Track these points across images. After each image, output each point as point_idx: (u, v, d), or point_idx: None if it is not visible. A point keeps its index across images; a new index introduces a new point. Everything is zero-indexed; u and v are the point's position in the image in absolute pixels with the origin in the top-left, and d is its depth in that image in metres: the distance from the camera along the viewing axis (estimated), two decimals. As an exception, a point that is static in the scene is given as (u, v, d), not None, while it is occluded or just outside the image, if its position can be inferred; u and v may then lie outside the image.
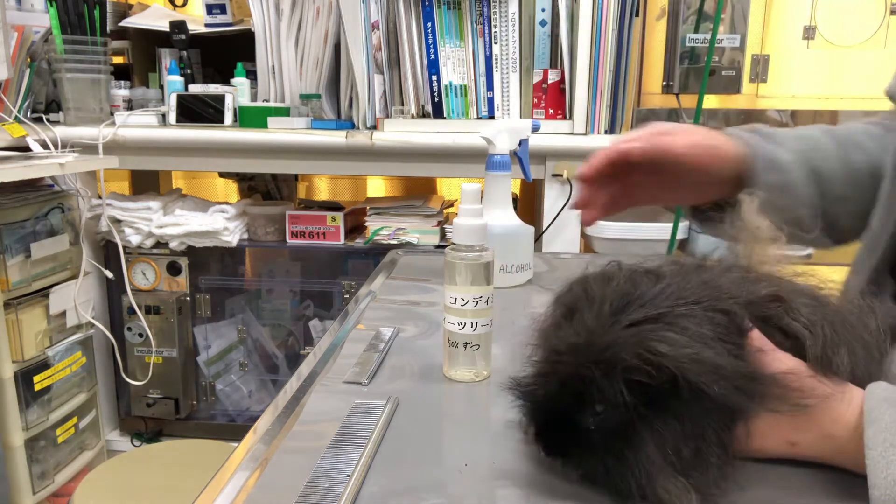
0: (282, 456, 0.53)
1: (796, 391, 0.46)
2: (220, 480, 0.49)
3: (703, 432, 0.43)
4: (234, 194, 2.31)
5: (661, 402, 0.43)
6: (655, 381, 0.42)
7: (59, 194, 1.66)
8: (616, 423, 0.44)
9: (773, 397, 0.46)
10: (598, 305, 0.46)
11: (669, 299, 0.45)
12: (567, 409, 0.46)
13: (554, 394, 0.46)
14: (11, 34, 1.63)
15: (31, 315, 1.56)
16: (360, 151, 1.63)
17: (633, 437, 0.43)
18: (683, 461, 0.43)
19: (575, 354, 0.45)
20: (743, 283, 0.51)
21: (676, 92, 1.53)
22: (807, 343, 0.48)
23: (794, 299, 0.50)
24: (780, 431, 0.48)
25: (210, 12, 1.84)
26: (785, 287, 0.52)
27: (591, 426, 0.45)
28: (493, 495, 0.47)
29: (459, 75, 1.65)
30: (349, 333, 0.82)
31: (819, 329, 0.48)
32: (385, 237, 1.72)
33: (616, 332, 0.44)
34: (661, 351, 0.42)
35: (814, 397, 0.46)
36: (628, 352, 0.43)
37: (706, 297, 0.46)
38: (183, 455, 1.61)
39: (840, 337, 0.49)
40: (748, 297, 0.49)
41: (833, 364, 0.48)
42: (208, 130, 1.66)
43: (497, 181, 1.04)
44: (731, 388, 0.43)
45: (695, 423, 0.43)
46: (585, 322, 0.46)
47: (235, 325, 1.89)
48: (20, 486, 1.54)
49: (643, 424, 0.43)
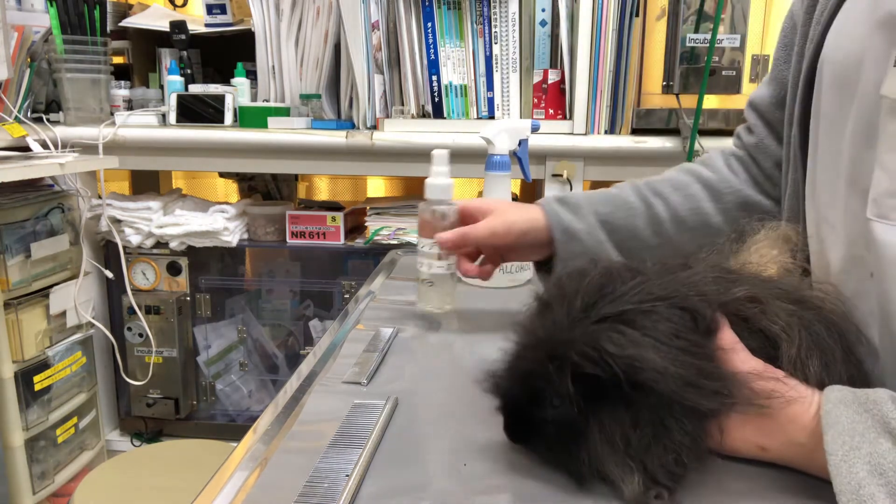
0: (281, 456, 0.53)
1: (759, 392, 0.47)
2: (219, 480, 0.49)
3: (660, 422, 0.45)
4: (234, 194, 2.31)
5: (612, 394, 0.45)
6: (605, 375, 0.45)
7: (59, 194, 1.66)
8: (570, 416, 0.46)
9: (732, 396, 0.46)
10: (569, 301, 0.48)
11: (637, 296, 0.47)
12: (529, 400, 0.49)
13: (515, 388, 0.50)
14: (11, 34, 1.63)
15: (31, 315, 1.56)
16: (360, 151, 1.63)
17: (583, 429, 0.46)
18: (634, 448, 0.45)
19: (535, 350, 0.48)
20: (721, 282, 0.52)
21: (676, 92, 1.53)
22: (783, 346, 0.49)
23: (772, 301, 0.51)
24: (748, 435, 0.48)
25: (210, 12, 1.84)
26: (765, 289, 0.53)
27: (549, 418, 0.48)
28: (493, 495, 0.47)
29: (459, 75, 1.65)
30: (349, 333, 0.82)
31: (796, 332, 0.49)
32: (385, 237, 1.72)
33: (575, 329, 0.47)
34: (608, 350, 0.45)
35: (776, 399, 0.47)
36: (577, 349, 0.45)
37: (674, 294, 0.48)
38: (183, 455, 1.61)
39: (816, 342, 0.50)
40: (723, 296, 0.50)
41: (807, 368, 0.49)
42: (208, 130, 1.66)
43: (497, 181, 1.04)
44: (680, 384, 0.45)
45: (647, 414, 0.45)
46: (554, 317, 0.48)
47: (235, 325, 1.89)
48: (20, 486, 1.54)
49: (592, 417, 0.46)
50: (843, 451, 0.42)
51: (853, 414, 0.44)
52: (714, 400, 0.46)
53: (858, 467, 0.41)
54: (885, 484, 0.40)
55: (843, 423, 0.43)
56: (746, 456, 0.49)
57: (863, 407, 0.44)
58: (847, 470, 0.41)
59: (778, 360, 0.50)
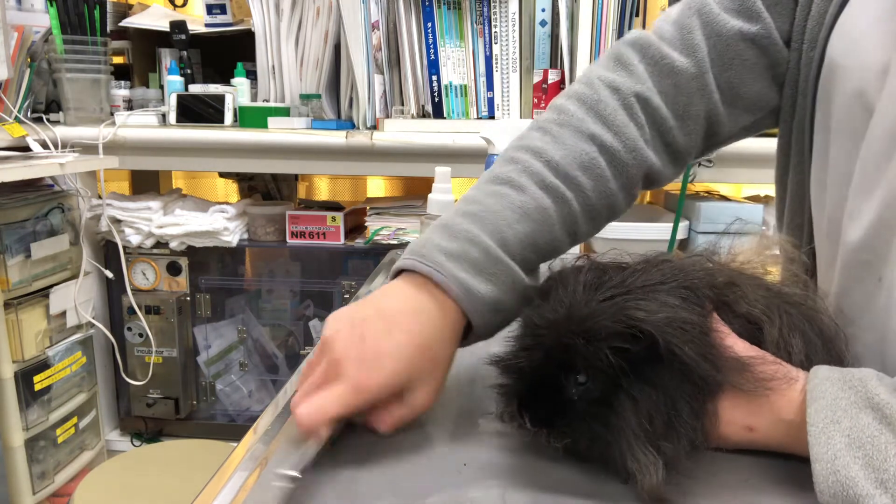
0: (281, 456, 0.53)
1: (762, 376, 0.47)
2: (219, 480, 0.49)
3: (675, 403, 0.45)
4: (234, 194, 2.31)
5: (639, 369, 0.45)
6: (635, 348, 0.44)
7: (59, 194, 1.66)
8: (599, 392, 0.45)
9: (737, 371, 0.47)
10: (572, 287, 0.48)
11: (640, 281, 0.48)
12: (551, 379, 0.47)
13: (538, 365, 0.48)
14: (11, 34, 1.63)
15: (31, 315, 1.56)
16: (360, 151, 1.63)
17: (615, 404, 0.45)
18: (656, 431, 0.44)
19: (556, 327, 0.47)
20: (702, 270, 0.52)
21: (676, 92, 1.53)
22: (765, 327, 0.50)
23: (751, 287, 0.52)
24: (737, 415, 0.49)
25: (210, 12, 1.84)
26: (741, 276, 0.53)
27: (575, 396, 0.46)
28: (493, 494, 0.47)
29: (459, 75, 1.65)
30: (349, 333, 0.82)
31: (776, 314, 0.50)
32: (385, 237, 1.72)
33: (593, 305, 0.46)
34: (639, 316, 0.44)
35: (776, 380, 0.47)
36: (608, 319, 0.45)
37: (670, 279, 0.49)
38: (183, 455, 1.61)
39: (795, 324, 0.51)
40: (711, 281, 0.51)
41: (790, 347, 0.49)
42: (208, 130, 1.66)
43: (497, 181, 1.04)
44: (699, 352, 0.45)
45: (668, 392, 0.45)
46: (562, 299, 0.48)
47: (235, 325, 1.89)
48: (20, 486, 1.54)
49: (623, 392, 0.45)
50: (823, 423, 0.43)
51: (837, 390, 0.44)
52: (726, 375, 0.46)
53: (837, 439, 0.42)
54: (863, 456, 0.41)
55: (827, 397, 0.44)
56: (733, 440, 0.50)
57: (848, 384, 0.45)
58: (826, 441, 0.42)
59: (763, 344, 0.50)
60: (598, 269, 0.50)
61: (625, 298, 0.46)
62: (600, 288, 0.47)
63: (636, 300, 0.46)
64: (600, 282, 0.48)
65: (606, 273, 0.49)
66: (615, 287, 0.47)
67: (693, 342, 0.45)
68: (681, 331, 0.44)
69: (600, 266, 0.51)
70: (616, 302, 0.46)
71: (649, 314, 0.44)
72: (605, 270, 0.50)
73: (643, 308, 0.45)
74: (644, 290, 0.47)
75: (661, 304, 0.45)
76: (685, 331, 0.45)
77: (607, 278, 0.48)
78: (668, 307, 0.45)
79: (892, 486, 0.40)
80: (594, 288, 0.47)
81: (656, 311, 0.45)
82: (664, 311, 0.45)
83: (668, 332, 0.44)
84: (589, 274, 0.49)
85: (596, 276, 0.49)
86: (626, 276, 0.48)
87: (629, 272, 0.49)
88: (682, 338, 0.44)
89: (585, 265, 0.51)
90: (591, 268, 0.50)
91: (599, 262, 0.52)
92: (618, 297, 0.46)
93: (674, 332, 0.44)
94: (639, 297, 0.46)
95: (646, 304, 0.45)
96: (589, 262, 0.52)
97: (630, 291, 0.46)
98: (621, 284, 0.47)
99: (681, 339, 0.44)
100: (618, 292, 0.46)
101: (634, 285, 0.47)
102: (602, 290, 0.47)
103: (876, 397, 0.43)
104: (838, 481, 0.42)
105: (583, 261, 0.53)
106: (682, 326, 0.45)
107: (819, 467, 0.42)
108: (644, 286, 0.47)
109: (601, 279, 0.48)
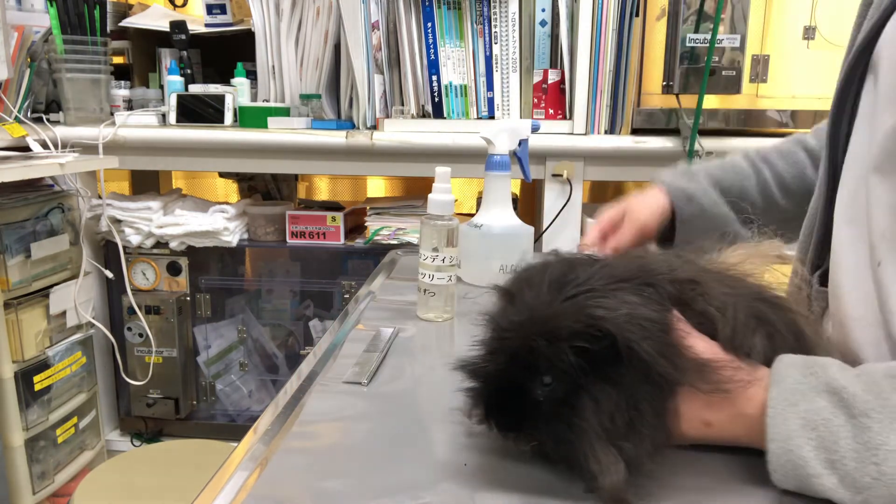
0: (281, 456, 0.53)
1: (717, 375, 0.48)
2: (219, 480, 0.49)
3: (638, 403, 0.45)
4: (234, 194, 2.31)
5: (601, 369, 0.45)
6: (596, 346, 0.44)
7: (59, 194, 1.66)
8: (563, 393, 0.46)
9: (695, 372, 0.47)
10: (536, 288, 0.48)
11: (602, 280, 0.48)
12: (517, 382, 0.47)
13: (503, 369, 0.48)
14: (11, 34, 1.63)
15: (31, 315, 1.56)
16: (360, 151, 1.63)
17: (578, 404, 0.45)
18: (618, 430, 0.45)
19: (520, 329, 0.47)
20: (670, 265, 0.53)
21: (676, 92, 1.53)
22: (718, 325, 0.50)
23: (711, 283, 0.52)
24: (695, 411, 0.49)
25: (210, 12, 1.84)
26: (707, 273, 0.54)
27: (541, 398, 0.46)
28: (494, 494, 0.47)
29: (459, 75, 1.65)
30: (349, 333, 0.82)
31: (731, 312, 0.50)
32: (385, 237, 1.72)
33: (556, 305, 0.46)
34: (599, 314, 0.45)
35: (733, 383, 0.48)
36: (569, 319, 0.45)
37: (635, 275, 0.49)
38: (183, 455, 1.61)
39: (760, 322, 0.51)
40: (672, 277, 0.51)
41: (744, 346, 0.50)
42: (208, 130, 1.66)
43: (497, 181, 1.04)
44: (657, 349, 0.45)
45: (630, 392, 0.45)
46: (527, 302, 0.48)
47: (235, 325, 1.89)
48: (20, 486, 1.54)
49: (585, 393, 0.45)
50: (781, 406, 0.45)
51: (799, 375, 0.46)
52: (685, 374, 0.47)
53: (792, 421, 0.44)
54: (815, 438, 0.43)
55: (787, 381, 0.46)
56: (691, 435, 0.50)
57: (809, 370, 0.46)
58: (782, 422, 0.44)
59: (716, 338, 0.50)
60: (565, 264, 0.51)
61: (586, 297, 0.46)
62: (566, 286, 0.47)
63: (597, 298, 0.46)
64: (565, 280, 0.48)
65: (573, 269, 0.50)
66: (580, 285, 0.47)
67: (652, 339, 0.45)
68: (640, 328, 0.45)
69: (567, 261, 0.52)
70: (577, 301, 0.46)
71: (609, 312, 0.45)
72: (572, 266, 0.50)
73: (604, 306, 0.45)
74: (607, 287, 0.47)
75: (621, 301, 0.46)
76: (644, 328, 0.45)
77: (573, 276, 0.48)
78: (629, 304, 0.46)
79: (840, 466, 0.42)
80: (559, 287, 0.48)
81: (616, 309, 0.45)
82: (624, 308, 0.45)
83: (627, 328, 0.44)
84: (555, 270, 0.50)
85: (562, 271, 0.49)
86: (592, 273, 0.49)
87: (595, 269, 0.49)
88: (641, 334, 0.44)
89: (552, 261, 0.52)
90: (559, 263, 0.51)
91: (567, 257, 0.53)
92: (580, 295, 0.46)
93: (633, 329, 0.44)
94: (600, 295, 0.46)
95: (606, 302, 0.45)
96: (556, 257, 0.53)
97: (593, 289, 0.47)
98: (586, 282, 0.48)
99: (640, 335, 0.44)
100: (581, 290, 0.47)
101: (597, 283, 0.47)
102: (567, 288, 0.47)
103: (834, 382, 0.44)
104: (790, 461, 0.43)
105: (551, 256, 0.53)
106: (641, 323, 0.45)
107: (773, 446, 0.44)
108: (607, 283, 0.47)
109: (566, 277, 0.49)
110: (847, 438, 0.42)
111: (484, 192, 1.06)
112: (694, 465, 0.50)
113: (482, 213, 1.04)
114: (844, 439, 0.42)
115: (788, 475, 0.44)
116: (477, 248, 1.02)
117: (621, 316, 0.44)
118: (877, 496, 0.41)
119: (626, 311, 0.45)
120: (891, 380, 0.43)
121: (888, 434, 0.41)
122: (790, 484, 0.44)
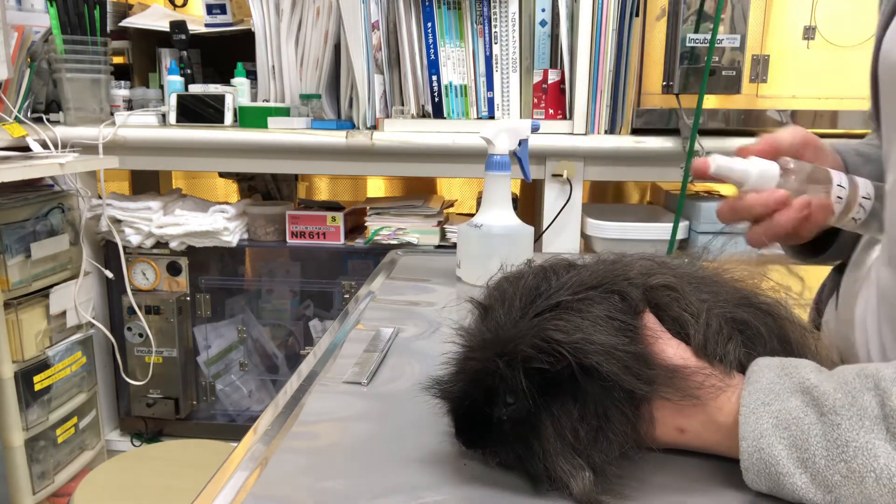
0: (281, 456, 0.53)
1: (687, 383, 0.48)
2: (219, 480, 0.49)
3: (603, 412, 0.46)
4: (234, 194, 2.31)
5: (561, 387, 0.46)
6: (554, 367, 0.45)
7: (59, 194, 1.66)
8: (525, 412, 0.47)
9: (663, 382, 0.48)
10: (509, 302, 0.49)
11: (571, 288, 0.49)
12: (480, 402, 0.48)
13: (467, 389, 0.49)
14: (11, 34, 1.63)
15: (31, 315, 1.56)
16: (360, 151, 1.63)
17: (537, 423, 0.46)
18: (582, 442, 0.45)
19: (483, 350, 0.48)
20: (645, 270, 0.53)
21: (676, 92, 1.53)
22: (690, 331, 0.50)
23: (687, 289, 0.52)
24: (668, 417, 0.49)
25: (210, 12, 1.84)
26: (685, 277, 0.54)
27: (504, 417, 0.48)
28: (494, 494, 0.47)
29: (459, 75, 1.65)
30: (349, 333, 0.82)
31: (704, 318, 0.50)
32: (385, 237, 1.72)
33: (520, 325, 0.47)
34: (556, 338, 0.45)
35: (704, 389, 0.48)
36: (526, 343, 0.46)
37: (605, 280, 0.50)
38: (183, 455, 1.61)
39: (738, 328, 0.51)
40: (645, 281, 0.52)
41: (717, 353, 0.50)
42: (208, 130, 1.66)
43: (497, 181, 1.04)
44: (621, 367, 0.45)
45: (592, 405, 0.46)
46: (497, 319, 0.49)
47: (235, 325, 1.89)
48: (20, 486, 1.54)
49: (544, 410, 0.46)
50: (754, 405, 0.45)
51: (774, 376, 0.46)
52: (649, 387, 0.47)
53: (765, 420, 0.44)
54: (787, 437, 0.43)
55: (762, 381, 0.46)
56: (664, 440, 0.50)
57: (784, 371, 0.46)
58: (754, 421, 0.44)
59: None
60: (538, 274, 0.51)
61: (549, 316, 0.47)
62: (534, 302, 0.48)
63: (558, 318, 0.46)
64: (537, 292, 0.49)
65: (546, 280, 0.50)
66: (550, 296, 0.48)
67: (613, 357, 0.45)
68: (599, 347, 0.45)
69: (542, 271, 0.52)
70: (539, 321, 0.47)
71: (567, 335, 0.45)
72: (546, 276, 0.51)
73: (561, 329, 0.46)
74: (574, 300, 0.48)
75: (582, 319, 0.46)
76: (603, 347, 0.45)
77: (544, 288, 0.49)
78: (589, 322, 0.46)
79: (811, 465, 0.42)
80: (531, 299, 0.48)
81: (574, 331, 0.45)
82: (581, 332, 0.46)
83: (584, 350, 0.45)
84: (529, 282, 0.50)
85: (533, 284, 0.50)
86: (561, 284, 0.49)
87: (567, 278, 0.50)
88: (601, 355, 0.45)
89: (527, 271, 0.53)
90: (534, 273, 0.52)
91: (543, 266, 0.53)
92: (546, 312, 0.47)
93: (590, 351, 0.45)
94: (565, 311, 0.47)
95: (563, 325, 0.46)
96: (531, 267, 0.53)
97: (559, 305, 0.47)
98: (556, 293, 0.48)
99: (599, 356, 0.45)
100: (549, 304, 0.48)
101: (565, 295, 0.48)
102: (538, 301, 0.48)
103: (807, 381, 0.44)
104: (762, 459, 0.43)
105: (526, 266, 0.54)
106: (600, 343, 0.45)
107: (745, 445, 0.44)
108: (576, 293, 0.48)
109: (538, 289, 0.49)
110: (817, 436, 0.42)
111: (484, 192, 1.06)
112: (673, 465, 0.50)
113: (482, 213, 1.04)
114: (815, 437, 0.42)
115: (761, 474, 0.44)
116: (477, 248, 1.02)
117: (578, 339, 0.45)
118: (847, 495, 0.41)
119: (582, 336, 0.45)
120: (862, 378, 0.43)
121: (857, 431, 0.41)
122: (763, 485, 0.44)
